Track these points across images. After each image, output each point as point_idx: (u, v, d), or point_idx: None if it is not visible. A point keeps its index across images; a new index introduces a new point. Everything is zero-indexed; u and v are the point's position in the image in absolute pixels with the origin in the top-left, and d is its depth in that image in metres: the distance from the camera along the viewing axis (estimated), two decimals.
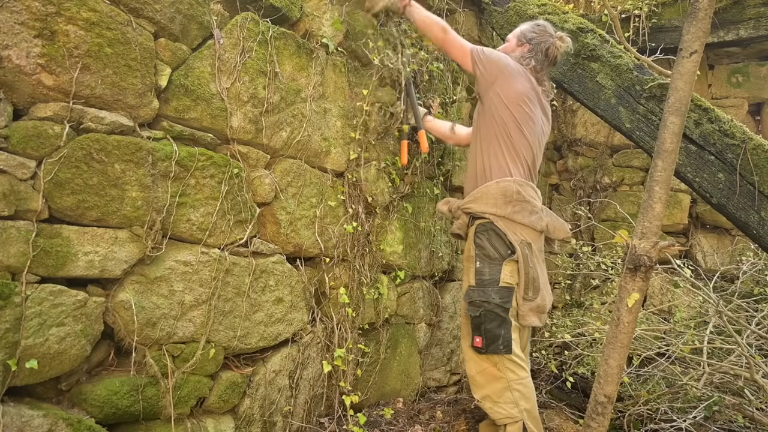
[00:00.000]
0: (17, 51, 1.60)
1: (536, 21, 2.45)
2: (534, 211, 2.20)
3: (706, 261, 4.24)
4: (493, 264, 2.16)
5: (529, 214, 2.18)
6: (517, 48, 2.39)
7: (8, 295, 1.56)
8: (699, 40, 2.01)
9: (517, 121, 2.24)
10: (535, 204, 2.23)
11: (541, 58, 2.33)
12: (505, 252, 2.16)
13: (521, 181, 2.22)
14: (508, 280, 2.14)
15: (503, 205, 2.18)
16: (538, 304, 2.16)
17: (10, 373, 1.58)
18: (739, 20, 4.03)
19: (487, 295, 2.12)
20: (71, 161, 1.71)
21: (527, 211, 2.18)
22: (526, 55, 2.34)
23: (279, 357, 2.37)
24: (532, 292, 2.14)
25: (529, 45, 2.35)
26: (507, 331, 2.10)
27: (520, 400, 2.09)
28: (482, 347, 2.12)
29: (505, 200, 2.18)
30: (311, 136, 2.51)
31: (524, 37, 2.37)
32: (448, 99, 3.38)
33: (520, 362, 2.13)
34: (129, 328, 1.86)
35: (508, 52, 2.40)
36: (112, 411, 1.81)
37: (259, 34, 2.26)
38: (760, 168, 2.53)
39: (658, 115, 2.78)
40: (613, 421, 2.91)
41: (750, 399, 2.73)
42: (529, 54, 2.33)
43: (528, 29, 2.39)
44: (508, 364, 2.11)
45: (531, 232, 2.20)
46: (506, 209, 2.18)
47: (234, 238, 2.19)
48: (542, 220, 2.21)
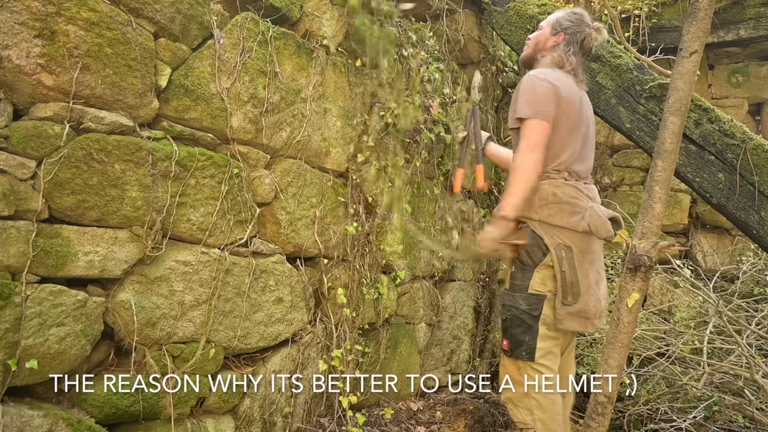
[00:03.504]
0: (17, 51, 1.60)
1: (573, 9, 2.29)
2: (575, 211, 2.07)
3: (706, 261, 4.24)
4: (525, 270, 2.10)
5: (568, 216, 2.07)
6: (552, 37, 2.23)
7: (8, 295, 1.56)
8: (699, 40, 2.00)
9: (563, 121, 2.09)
10: (577, 203, 2.09)
11: (577, 49, 2.19)
12: (540, 257, 2.08)
13: (558, 182, 2.11)
14: (538, 288, 2.07)
15: (539, 209, 2.09)
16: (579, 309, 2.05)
17: (10, 373, 1.58)
18: (739, 20, 4.04)
19: (515, 301, 2.09)
20: (71, 161, 1.71)
21: (566, 213, 2.07)
22: (563, 47, 2.20)
23: (279, 357, 2.37)
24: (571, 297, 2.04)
25: (564, 34, 2.20)
26: (532, 338, 2.05)
27: (536, 410, 2.05)
28: (508, 350, 2.10)
29: (542, 203, 2.09)
30: (311, 136, 2.51)
31: (559, 26, 2.22)
32: (448, 99, 3.38)
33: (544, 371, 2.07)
34: (129, 328, 1.86)
35: (542, 41, 2.26)
36: (112, 411, 1.81)
37: (259, 34, 2.26)
38: (760, 168, 2.53)
39: (658, 115, 2.78)
40: (613, 421, 2.91)
41: (750, 399, 2.73)
42: (565, 46, 2.19)
43: (564, 17, 2.23)
44: (530, 372, 2.06)
45: (571, 234, 2.07)
46: (542, 212, 2.09)
47: (234, 238, 2.19)
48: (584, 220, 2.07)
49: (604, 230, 2.04)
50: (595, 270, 2.11)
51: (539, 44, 2.25)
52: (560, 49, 2.19)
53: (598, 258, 2.14)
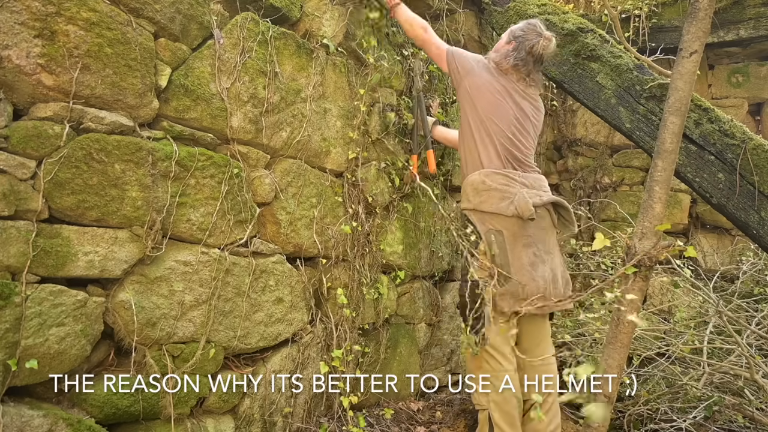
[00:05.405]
0: (17, 51, 1.60)
1: (530, 20, 2.50)
2: (504, 197, 2.24)
3: (706, 261, 4.24)
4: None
5: (498, 201, 2.23)
6: (505, 45, 2.45)
7: (8, 295, 1.56)
8: (699, 40, 2.00)
9: (486, 110, 2.34)
10: (506, 190, 2.25)
11: (524, 55, 2.38)
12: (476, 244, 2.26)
13: (487, 171, 2.30)
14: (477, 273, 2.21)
15: (473, 198, 2.30)
16: (511, 290, 2.17)
17: (10, 373, 1.58)
18: (739, 20, 4.03)
19: (462, 288, 2.30)
20: (71, 161, 1.71)
21: (495, 198, 2.24)
22: (510, 53, 2.40)
23: (279, 357, 2.37)
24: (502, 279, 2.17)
25: (514, 42, 2.41)
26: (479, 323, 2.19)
27: (491, 392, 2.18)
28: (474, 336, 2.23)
29: (474, 192, 2.30)
30: (311, 136, 2.51)
31: (512, 35, 2.44)
32: (447, 99, 3.38)
33: (496, 354, 2.19)
34: (129, 328, 1.86)
35: (498, 49, 2.48)
36: (112, 411, 1.81)
37: (259, 34, 2.26)
38: (760, 168, 2.53)
39: (658, 115, 2.78)
40: (613, 421, 2.91)
41: (750, 399, 2.73)
42: (513, 51, 2.39)
43: (518, 27, 2.46)
44: (484, 355, 2.20)
45: (502, 218, 2.23)
46: (475, 200, 2.29)
47: (234, 238, 2.19)
48: (512, 205, 2.22)
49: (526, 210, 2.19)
50: (531, 252, 2.23)
51: (496, 51, 2.49)
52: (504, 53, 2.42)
53: (537, 241, 2.26)
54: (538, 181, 2.37)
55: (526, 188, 2.28)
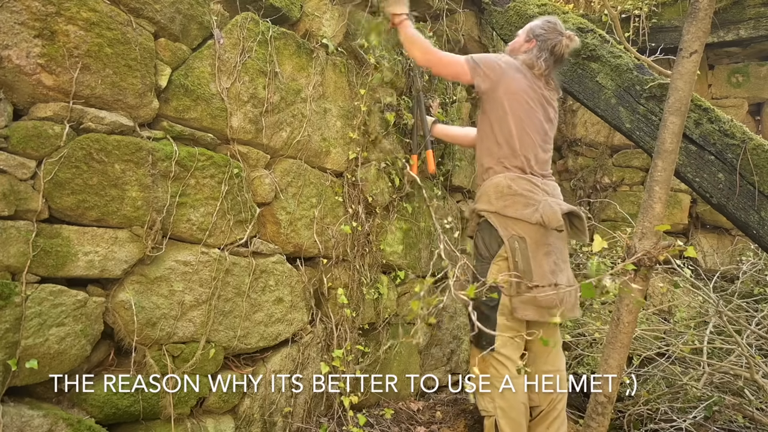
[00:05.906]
0: (17, 51, 1.60)
1: (548, 17, 2.42)
2: (529, 203, 2.19)
3: (706, 261, 4.24)
4: (483, 262, 2.21)
5: (522, 207, 2.18)
6: (525, 44, 2.37)
7: (8, 295, 1.56)
8: (699, 40, 2.00)
9: (518, 115, 2.24)
10: (531, 196, 2.20)
11: (547, 55, 2.30)
12: (495, 249, 2.18)
13: (513, 175, 2.23)
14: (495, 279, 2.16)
15: (495, 201, 2.21)
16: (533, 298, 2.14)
17: (10, 373, 1.58)
18: (739, 20, 4.03)
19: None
20: (71, 161, 1.71)
21: (520, 204, 2.19)
22: (534, 53, 2.31)
23: (279, 357, 2.37)
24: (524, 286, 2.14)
25: (536, 41, 2.33)
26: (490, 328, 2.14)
27: (497, 398, 2.14)
28: (473, 341, 2.20)
29: (497, 195, 2.21)
30: (311, 136, 2.51)
31: (532, 33, 2.35)
32: (447, 99, 3.38)
33: (504, 361, 2.15)
34: (129, 328, 1.86)
35: (517, 47, 2.39)
36: (112, 411, 1.81)
37: (259, 34, 2.26)
38: (760, 168, 2.53)
39: (658, 115, 2.78)
40: (613, 421, 2.91)
41: (750, 399, 2.73)
42: (537, 52, 2.31)
43: (537, 25, 2.36)
44: (492, 361, 2.15)
45: (525, 225, 2.18)
46: (498, 204, 2.20)
47: (234, 238, 2.19)
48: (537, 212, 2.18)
49: (555, 221, 2.14)
50: (551, 261, 2.20)
51: (513, 51, 2.39)
52: (532, 54, 2.32)
53: (556, 250, 2.23)
54: (555, 189, 2.33)
55: (548, 196, 2.23)
